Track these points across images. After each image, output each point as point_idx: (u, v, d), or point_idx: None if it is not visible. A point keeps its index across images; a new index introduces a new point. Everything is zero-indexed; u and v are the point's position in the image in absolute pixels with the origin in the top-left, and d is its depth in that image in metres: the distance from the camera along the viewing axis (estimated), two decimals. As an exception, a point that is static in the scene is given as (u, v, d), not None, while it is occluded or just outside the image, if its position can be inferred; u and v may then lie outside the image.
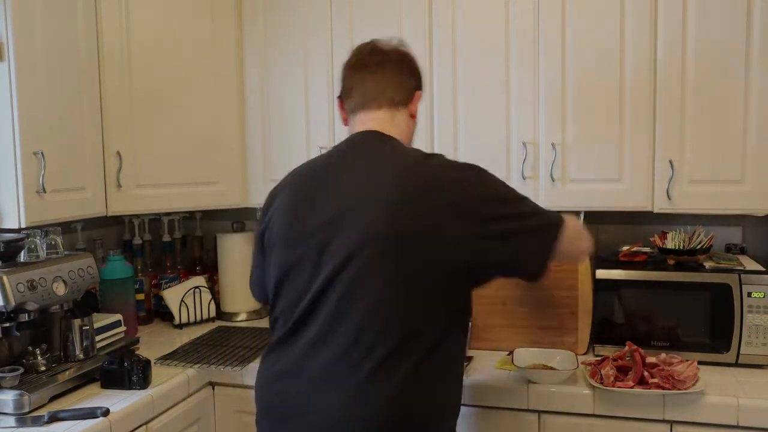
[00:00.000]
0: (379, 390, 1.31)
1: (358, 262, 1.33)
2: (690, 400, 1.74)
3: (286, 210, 1.46)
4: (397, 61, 1.54)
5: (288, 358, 1.41)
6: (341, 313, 1.34)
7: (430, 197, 1.34)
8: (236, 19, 2.46)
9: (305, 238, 1.40)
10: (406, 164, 1.41)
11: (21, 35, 1.82)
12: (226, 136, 2.46)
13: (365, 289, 1.32)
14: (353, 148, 1.49)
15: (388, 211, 1.33)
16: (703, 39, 1.99)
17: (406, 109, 1.54)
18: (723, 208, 2.04)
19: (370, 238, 1.33)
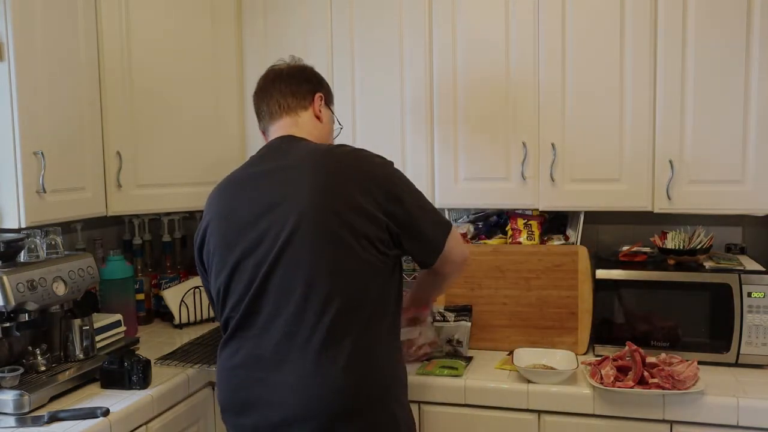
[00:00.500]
0: (328, 365, 1.42)
1: (291, 246, 1.45)
2: (690, 400, 1.74)
3: (218, 218, 1.57)
4: (287, 74, 1.68)
5: (242, 349, 1.51)
6: (283, 297, 1.45)
7: (344, 176, 1.48)
8: (236, 19, 2.46)
9: (241, 237, 1.51)
10: (319, 152, 1.54)
11: (21, 35, 1.82)
12: (226, 136, 2.46)
13: (301, 270, 1.44)
14: (270, 151, 1.62)
15: (310, 194, 1.46)
16: (703, 39, 1.99)
17: (307, 112, 1.66)
18: (723, 208, 2.04)
19: (298, 221, 1.45)
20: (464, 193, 2.25)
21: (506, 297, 2.19)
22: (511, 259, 2.20)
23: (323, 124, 1.69)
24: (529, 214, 2.29)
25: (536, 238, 2.23)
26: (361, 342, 1.45)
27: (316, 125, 1.67)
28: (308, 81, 1.69)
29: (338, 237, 1.44)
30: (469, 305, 2.21)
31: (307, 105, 1.66)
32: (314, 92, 1.67)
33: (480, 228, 2.39)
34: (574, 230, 2.25)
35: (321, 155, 1.53)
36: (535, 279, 2.16)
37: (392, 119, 2.30)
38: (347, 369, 1.42)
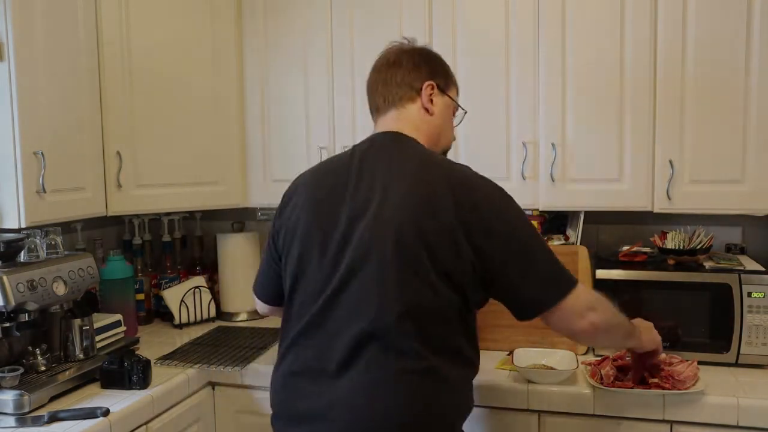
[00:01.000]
0: (399, 388, 1.33)
1: (373, 261, 1.35)
2: (690, 400, 1.74)
3: (306, 208, 1.48)
4: (395, 61, 1.55)
5: (304, 356, 1.42)
6: (357, 311, 1.36)
7: (445, 202, 1.36)
8: (236, 19, 2.46)
9: (325, 234, 1.42)
10: (425, 168, 1.42)
11: (21, 35, 1.82)
12: (226, 136, 2.46)
13: (380, 289, 1.35)
14: (372, 148, 1.50)
15: (404, 214, 1.36)
16: (703, 39, 1.99)
17: (415, 104, 1.53)
18: (723, 208, 2.03)
19: (386, 238, 1.35)
20: (464, 193, 2.24)
21: (506, 297, 2.19)
22: (511, 259, 2.19)
23: (434, 116, 1.54)
24: (529, 213, 2.29)
25: (536, 238, 2.22)
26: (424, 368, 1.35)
27: (425, 119, 1.53)
28: (417, 68, 1.54)
29: (416, 264, 1.33)
30: (469, 305, 2.20)
31: (415, 96, 1.53)
32: (424, 81, 1.53)
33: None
34: (574, 230, 2.24)
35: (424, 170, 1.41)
36: (535, 279, 2.16)
37: (392, 119, 2.29)
38: (408, 397, 1.33)
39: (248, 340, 2.33)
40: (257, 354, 2.16)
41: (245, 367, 2.07)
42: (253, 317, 2.64)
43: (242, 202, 2.54)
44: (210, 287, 2.67)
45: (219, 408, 2.14)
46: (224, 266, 2.66)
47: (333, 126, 2.38)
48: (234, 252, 2.64)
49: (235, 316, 2.64)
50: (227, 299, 2.65)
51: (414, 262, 1.34)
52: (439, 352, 1.37)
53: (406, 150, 1.47)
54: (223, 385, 2.12)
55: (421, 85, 1.53)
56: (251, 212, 2.76)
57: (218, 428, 2.14)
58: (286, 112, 2.45)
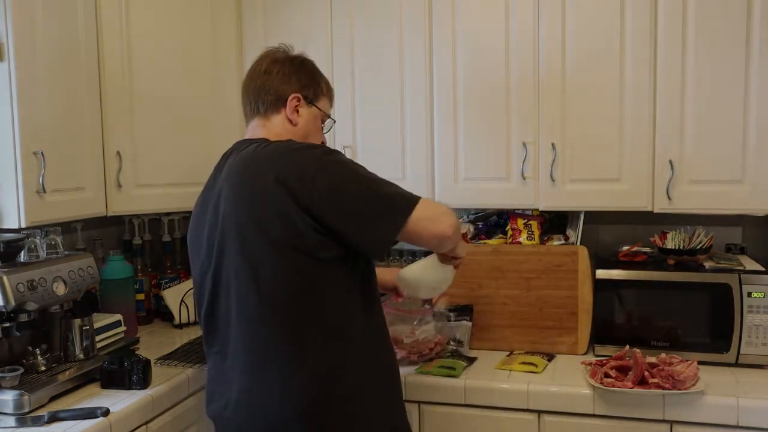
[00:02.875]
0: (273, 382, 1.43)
1: (226, 259, 1.47)
2: (690, 400, 1.74)
3: (191, 227, 1.62)
4: (265, 70, 1.60)
5: (210, 361, 1.61)
6: (224, 318, 1.51)
7: (261, 178, 1.41)
8: (236, 19, 2.46)
9: (198, 248, 1.56)
10: (247, 153, 1.49)
11: (21, 35, 1.82)
12: (226, 136, 2.44)
13: (231, 288, 1.46)
14: (225, 156, 1.60)
15: (232, 206, 1.45)
16: (702, 39, 1.99)
17: (279, 114, 1.59)
18: (723, 208, 2.04)
19: (223, 237, 1.46)
20: (464, 193, 2.25)
21: (506, 297, 2.19)
22: (511, 259, 2.20)
23: (297, 127, 1.59)
24: (529, 214, 2.29)
25: (536, 238, 2.23)
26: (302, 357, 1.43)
27: (288, 129, 1.58)
28: (286, 79, 1.59)
29: (257, 250, 1.42)
30: (470, 305, 2.21)
31: (280, 107, 1.58)
32: (290, 93, 1.58)
33: (480, 228, 2.39)
34: (574, 230, 2.25)
35: (242, 163, 1.48)
36: (535, 279, 2.16)
37: (392, 119, 2.30)
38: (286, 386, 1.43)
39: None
40: (257, 354, 2.16)
41: (245, 367, 2.06)
42: (253, 317, 2.64)
43: (242, 202, 2.53)
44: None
45: (219, 408, 2.13)
46: (224, 266, 2.65)
47: (333, 126, 2.38)
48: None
49: (235, 316, 2.63)
50: (227, 299, 2.65)
51: (254, 249, 1.42)
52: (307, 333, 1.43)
53: (244, 152, 1.52)
54: (223, 385, 2.12)
55: (288, 96, 1.58)
56: (251, 212, 2.76)
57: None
58: (286, 112, 2.45)
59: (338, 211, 1.39)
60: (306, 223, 1.38)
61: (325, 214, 1.38)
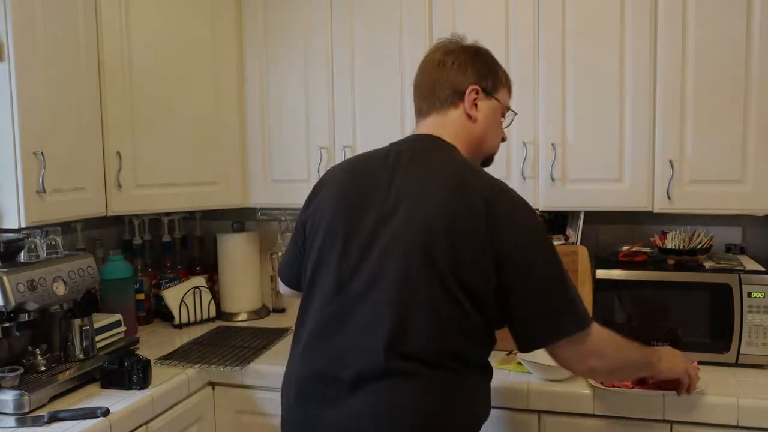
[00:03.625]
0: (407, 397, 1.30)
1: (397, 269, 1.31)
2: (690, 400, 1.74)
3: (333, 205, 1.44)
4: (439, 63, 1.50)
5: (320, 359, 1.37)
6: (376, 318, 1.32)
7: (478, 220, 1.31)
8: (236, 19, 2.46)
9: (348, 234, 1.38)
10: (461, 179, 1.37)
11: (21, 35, 1.82)
12: (226, 136, 2.46)
13: (400, 298, 1.31)
14: (409, 151, 1.45)
15: (433, 224, 1.31)
16: (703, 39, 1.99)
17: (457, 110, 1.48)
18: (723, 208, 2.03)
19: (412, 247, 1.31)
20: (464, 193, 2.25)
21: (506, 297, 2.19)
22: (511, 259, 2.19)
23: (477, 123, 1.48)
24: (529, 214, 2.28)
25: (536, 238, 2.22)
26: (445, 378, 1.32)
27: (466, 126, 1.47)
28: (462, 71, 1.47)
29: (440, 276, 1.29)
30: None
31: (458, 101, 1.47)
32: (467, 85, 1.47)
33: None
34: (574, 230, 2.24)
35: (459, 186, 1.35)
36: (535, 279, 2.16)
37: (392, 119, 2.30)
38: (426, 405, 1.31)
39: (248, 340, 2.33)
40: (257, 354, 2.16)
41: (245, 367, 2.07)
42: (253, 317, 2.64)
43: (242, 202, 2.54)
44: (210, 287, 2.67)
45: (219, 408, 2.14)
46: (224, 266, 2.66)
47: (333, 126, 2.38)
48: (234, 252, 2.64)
49: (235, 316, 2.64)
50: (227, 299, 2.65)
51: (438, 274, 1.30)
52: (456, 362, 1.34)
53: (443, 158, 1.42)
54: (223, 385, 2.12)
55: (465, 89, 1.47)
56: (251, 212, 2.77)
57: (218, 428, 2.14)
58: (286, 112, 2.45)
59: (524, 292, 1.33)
60: (492, 278, 1.31)
61: (512, 285, 1.32)
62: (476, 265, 1.30)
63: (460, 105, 1.47)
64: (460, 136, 1.47)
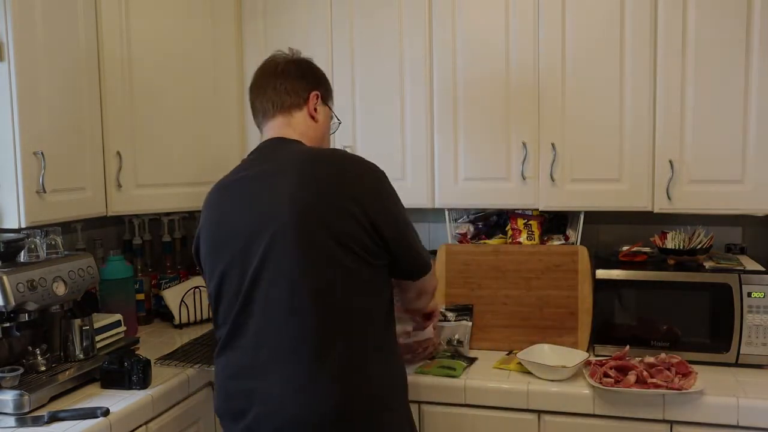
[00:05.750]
0: (318, 376, 1.40)
1: (274, 256, 1.43)
2: (690, 400, 1.74)
3: (211, 223, 1.56)
4: (283, 71, 1.62)
5: (234, 359, 1.50)
6: (269, 308, 1.44)
7: (329, 182, 1.45)
8: (236, 19, 2.46)
9: (230, 244, 1.50)
10: (307, 156, 1.51)
11: (21, 35, 1.82)
12: (226, 136, 2.46)
13: (284, 279, 1.42)
14: (260, 154, 1.59)
15: (293, 201, 1.43)
16: (703, 38, 1.99)
17: (302, 112, 1.62)
18: (723, 208, 2.04)
19: (279, 230, 1.42)
20: (464, 193, 2.25)
21: (506, 297, 2.19)
22: (511, 259, 2.20)
23: (318, 123, 1.64)
24: (529, 214, 2.29)
25: (536, 238, 2.23)
26: (349, 351, 1.42)
27: (310, 125, 1.63)
28: (304, 77, 1.64)
29: (320, 246, 1.41)
30: (470, 305, 2.21)
31: (302, 104, 1.62)
32: (310, 90, 1.63)
33: (480, 228, 2.39)
34: (574, 230, 2.25)
35: (308, 159, 1.50)
36: (535, 279, 2.16)
37: (392, 119, 2.30)
38: (336, 378, 1.40)
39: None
40: (257, 354, 2.15)
41: (245, 367, 2.06)
42: (253, 317, 2.64)
43: (242, 202, 2.53)
44: (209, 288, 2.67)
45: (219, 408, 2.13)
46: (224, 266, 2.65)
47: (333, 126, 2.38)
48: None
49: (235, 316, 2.63)
50: (227, 299, 2.65)
51: (317, 244, 1.41)
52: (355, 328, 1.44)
53: (293, 149, 1.55)
54: (223, 385, 2.12)
55: (308, 94, 1.62)
56: (251, 212, 2.76)
57: (218, 428, 2.13)
58: (286, 112, 2.45)
59: (396, 233, 1.49)
60: (368, 229, 1.44)
61: (385, 228, 1.46)
62: (352, 226, 1.42)
63: (303, 107, 1.62)
64: (306, 134, 1.62)
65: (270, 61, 1.67)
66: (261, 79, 1.65)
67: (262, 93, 1.63)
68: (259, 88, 1.64)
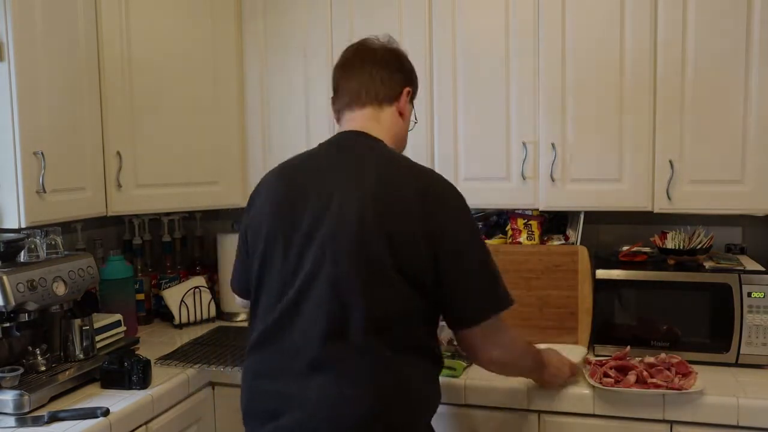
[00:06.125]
0: (353, 385, 1.34)
1: (335, 261, 1.35)
2: (690, 400, 1.74)
3: (270, 208, 1.46)
4: (381, 58, 1.52)
5: (271, 355, 1.42)
6: (316, 311, 1.36)
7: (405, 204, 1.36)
8: (236, 19, 2.46)
9: (287, 236, 1.41)
10: (391, 173, 1.41)
11: (21, 35, 1.82)
12: (226, 136, 2.46)
13: (334, 288, 1.34)
14: (338, 149, 1.49)
15: (362, 209, 1.35)
16: (703, 39, 1.99)
17: (392, 107, 1.53)
18: (723, 208, 2.03)
19: (347, 238, 1.34)
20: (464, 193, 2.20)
21: (506, 297, 2.19)
22: (511, 259, 2.19)
23: (404, 121, 1.56)
24: (529, 214, 2.29)
25: (536, 238, 2.23)
26: (387, 368, 1.35)
27: (397, 122, 1.53)
28: (401, 70, 1.54)
29: (378, 264, 1.33)
30: (469, 305, 2.20)
31: (393, 98, 1.52)
32: (404, 86, 1.54)
33: (480, 228, 2.39)
34: (574, 230, 2.24)
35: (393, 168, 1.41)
36: (535, 279, 2.16)
37: (392, 119, 2.30)
38: (374, 389, 1.34)
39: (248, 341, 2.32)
40: (257, 354, 2.16)
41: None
42: (253, 317, 2.64)
43: (242, 202, 2.51)
44: (210, 287, 2.67)
45: (219, 408, 2.14)
46: (224, 266, 2.65)
47: (333, 126, 2.37)
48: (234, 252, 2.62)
49: (235, 316, 2.64)
50: (227, 299, 2.65)
51: (375, 262, 1.33)
52: (404, 350, 1.38)
53: (372, 152, 1.45)
54: (223, 385, 2.12)
55: (402, 89, 1.54)
56: (251, 212, 2.76)
57: (218, 428, 2.14)
58: (286, 112, 2.45)
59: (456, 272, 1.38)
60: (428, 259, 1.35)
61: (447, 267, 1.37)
62: (415, 254, 1.34)
63: (395, 103, 1.53)
64: (391, 131, 1.52)
65: (366, 44, 1.55)
66: (356, 60, 1.53)
67: (354, 76, 1.51)
68: (351, 69, 1.52)
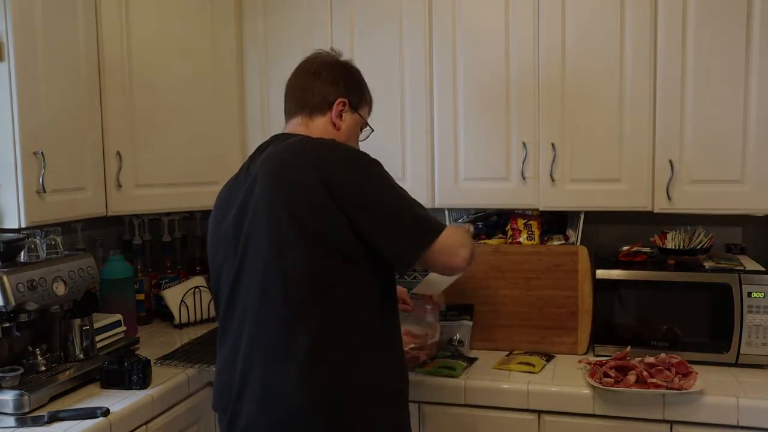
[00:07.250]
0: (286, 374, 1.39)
1: (250, 250, 1.44)
2: (690, 400, 1.74)
3: (212, 220, 1.60)
4: (315, 71, 1.61)
5: (224, 352, 1.54)
6: (248, 304, 1.45)
7: (302, 171, 1.41)
8: (236, 19, 2.46)
9: (222, 240, 1.53)
10: (287, 144, 1.48)
11: (21, 35, 1.82)
12: (226, 136, 2.46)
13: (257, 275, 1.43)
14: (259, 148, 1.58)
15: (266, 194, 1.43)
16: (703, 38, 1.99)
17: (324, 117, 1.60)
18: (723, 208, 2.04)
19: (253, 223, 1.44)
20: (464, 193, 2.25)
21: (506, 297, 2.19)
22: (511, 259, 2.20)
23: (339, 131, 1.60)
24: (529, 214, 2.29)
25: (536, 238, 2.23)
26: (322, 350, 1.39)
27: (330, 132, 1.59)
28: (335, 83, 1.61)
29: (288, 239, 1.39)
30: (471, 304, 2.21)
31: (326, 109, 1.59)
32: (338, 97, 1.60)
33: (480, 228, 2.39)
34: (574, 230, 2.25)
35: (286, 147, 1.47)
36: (535, 279, 2.16)
37: (392, 119, 2.30)
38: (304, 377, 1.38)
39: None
40: (257, 354, 2.15)
41: (245, 367, 2.06)
42: (253, 317, 2.64)
43: (242, 202, 2.53)
44: (210, 287, 2.67)
45: (219, 408, 2.13)
46: (224, 266, 2.65)
47: (333, 126, 2.38)
48: (234, 252, 2.63)
49: (235, 316, 2.63)
50: (227, 299, 2.65)
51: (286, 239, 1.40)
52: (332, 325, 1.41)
53: (287, 140, 1.51)
54: (223, 385, 2.12)
55: (335, 100, 1.60)
56: (251, 212, 2.76)
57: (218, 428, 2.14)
58: (286, 112, 2.45)
59: (374, 220, 1.42)
60: (342, 221, 1.39)
61: (361, 218, 1.40)
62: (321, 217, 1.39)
63: (327, 113, 1.60)
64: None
65: (307, 59, 1.66)
66: (293, 77, 1.64)
67: (290, 92, 1.63)
68: (290, 84, 1.64)
